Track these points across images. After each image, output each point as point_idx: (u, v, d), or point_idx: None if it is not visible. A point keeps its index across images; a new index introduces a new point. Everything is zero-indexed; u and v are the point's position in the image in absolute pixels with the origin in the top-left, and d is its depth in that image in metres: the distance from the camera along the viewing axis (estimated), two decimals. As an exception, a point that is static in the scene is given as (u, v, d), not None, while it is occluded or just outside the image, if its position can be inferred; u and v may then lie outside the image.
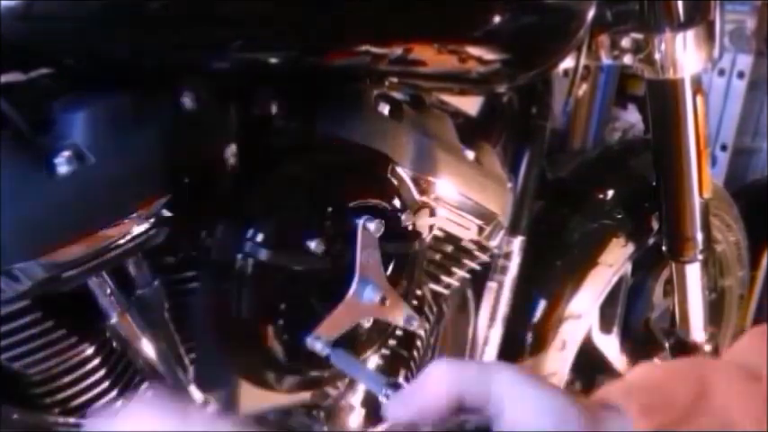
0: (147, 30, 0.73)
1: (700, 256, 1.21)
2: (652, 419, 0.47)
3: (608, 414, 0.49)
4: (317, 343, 0.81)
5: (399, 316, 0.86)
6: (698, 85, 1.11)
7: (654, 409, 0.48)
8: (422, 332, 1.06)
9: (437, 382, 0.48)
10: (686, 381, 0.50)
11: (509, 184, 1.07)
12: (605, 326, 1.33)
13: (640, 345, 1.38)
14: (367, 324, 0.86)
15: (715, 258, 1.44)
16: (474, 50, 0.89)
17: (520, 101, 1.15)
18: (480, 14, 0.87)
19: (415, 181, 0.91)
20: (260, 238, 0.79)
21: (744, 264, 1.54)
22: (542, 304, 1.24)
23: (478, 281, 1.17)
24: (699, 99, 1.11)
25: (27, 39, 0.70)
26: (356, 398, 1.01)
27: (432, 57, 0.86)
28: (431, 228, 0.94)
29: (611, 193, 1.30)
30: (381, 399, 0.65)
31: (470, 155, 1.00)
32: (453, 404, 0.48)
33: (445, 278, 1.05)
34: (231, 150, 0.80)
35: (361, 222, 0.81)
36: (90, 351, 0.80)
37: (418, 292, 1.00)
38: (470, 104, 1.12)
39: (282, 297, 0.82)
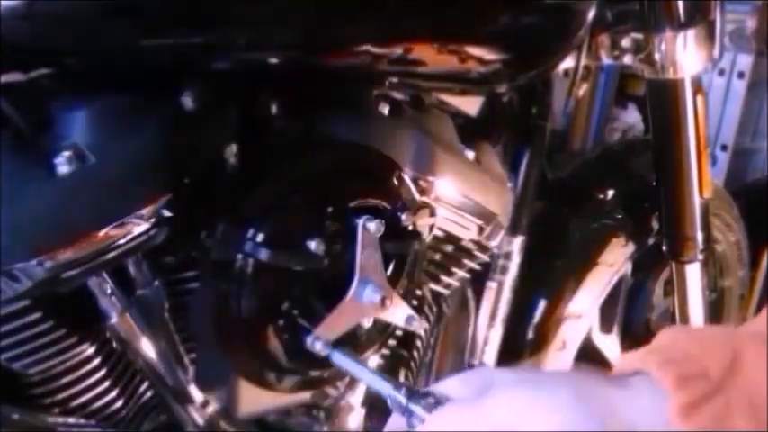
0: (148, 30, 0.73)
1: (700, 256, 1.21)
2: (687, 392, 0.47)
3: (633, 390, 0.50)
4: (316, 343, 0.81)
5: (399, 316, 0.86)
6: (698, 86, 1.11)
7: (689, 380, 0.48)
8: (422, 332, 1.06)
9: None
10: (719, 351, 0.50)
11: (509, 184, 1.07)
12: (605, 326, 1.33)
13: (640, 345, 1.37)
14: (367, 324, 0.86)
15: (715, 258, 1.44)
16: (474, 50, 0.89)
17: (520, 101, 1.15)
18: (480, 14, 0.87)
19: (415, 181, 0.91)
20: (260, 238, 0.79)
21: (744, 264, 1.54)
22: (542, 304, 1.24)
23: (478, 281, 1.17)
24: (699, 99, 1.11)
25: (27, 39, 0.70)
26: (356, 398, 1.01)
27: (432, 57, 0.86)
28: (431, 228, 0.94)
29: (611, 193, 1.30)
30: (390, 401, 0.63)
31: (470, 155, 1.00)
32: None
33: (445, 278, 1.05)
34: (231, 150, 0.80)
35: (361, 222, 0.81)
36: (90, 351, 0.80)
37: (418, 292, 1.00)
38: (470, 104, 1.11)
39: (282, 297, 0.82)
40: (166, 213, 0.75)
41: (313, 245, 0.80)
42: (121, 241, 0.73)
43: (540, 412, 0.49)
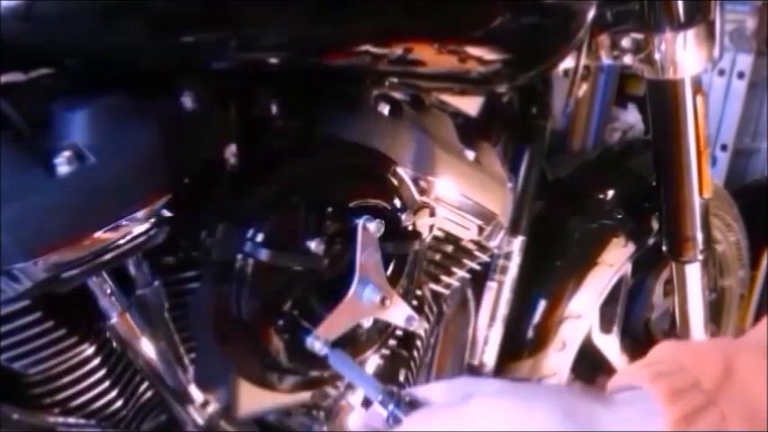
0: (148, 30, 0.73)
1: (700, 256, 1.21)
2: (681, 405, 0.47)
3: (620, 404, 0.50)
4: (316, 343, 0.81)
5: (399, 316, 0.86)
6: (698, 86, 1.11)
7: (682, 393, 0.48)
8: (422, 332, 1.06)
9: None
10: (712, 361, 0.50)
11: (509, 184, 1.07)
12: (605, 326, 1.33)
13: (640, 345, 1.38)
14: (367, 324, 0.86)
15: (715, 258, 1.44)
16: (474, 50, 0.89)
17: (520, 101, 1.15)
18: (480, 14, 0.87)
19: (415, 181, 0.91)
20: (260, 238, 0.79)
21: (744, 264, 1.54)
22: (542, 304, 1.24)
23: (478, 281, 1.17)
24: (699, 99, 1.11)
25: (27, 39, 0.70)
26: (356, 398, 1.01)
27: (432, 57, 0.86)
28: (431, 228, 0.94)
29: (611, 193, 1.30)
30: (376, 404, 0.64)
31: (470, 155, 1.00)
32: None
33: (445, 278, 1.05)
34: (231, 150, 0.80)
35: (360, 222, 0.81)
36: (90, 351, 0.80)
37: (418, 292, 1.00)
38: (470, 104, 1.12)
39: (282, 297, 0.82)
40: (166, 213, 0.75)
41: (313, 245, 0.80)
42: (121, 241, 0.74)
43: (519, 420, 0.49)
